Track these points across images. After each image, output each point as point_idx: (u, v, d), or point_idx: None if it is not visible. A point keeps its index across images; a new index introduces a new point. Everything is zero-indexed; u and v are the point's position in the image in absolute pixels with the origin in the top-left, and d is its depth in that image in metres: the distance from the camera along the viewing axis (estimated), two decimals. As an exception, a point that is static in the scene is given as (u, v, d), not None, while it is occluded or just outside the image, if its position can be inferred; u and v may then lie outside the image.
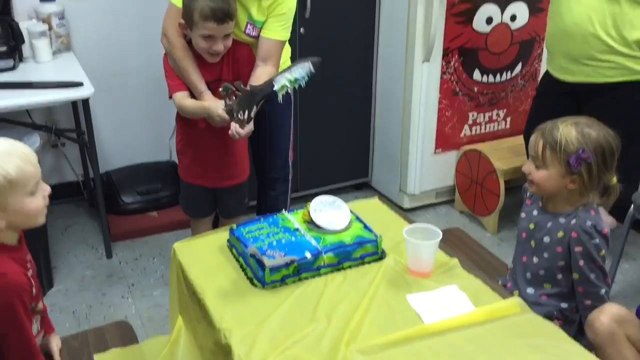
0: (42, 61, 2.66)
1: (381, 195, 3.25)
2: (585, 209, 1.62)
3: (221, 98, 1.83)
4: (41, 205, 1.36)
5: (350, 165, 3.27)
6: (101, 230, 2.76)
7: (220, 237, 1.73)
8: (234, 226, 1.69)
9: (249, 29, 2.12)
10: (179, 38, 2.07)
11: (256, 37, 2.14)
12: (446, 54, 2.88)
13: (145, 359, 1.69)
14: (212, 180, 2.22)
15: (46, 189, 1.38)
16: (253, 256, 1.54)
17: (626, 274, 2.68)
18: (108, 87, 2.99)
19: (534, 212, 1.74)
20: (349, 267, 1.60)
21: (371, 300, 1.47)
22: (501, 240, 2.93)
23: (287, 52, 2.35)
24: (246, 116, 1.71)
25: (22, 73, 2.55)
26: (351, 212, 1.72)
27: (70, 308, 2.43)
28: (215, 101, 2.01)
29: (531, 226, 1.74)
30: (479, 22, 2.88)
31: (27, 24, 2.65)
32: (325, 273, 1.57)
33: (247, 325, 1.39)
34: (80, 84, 2.41)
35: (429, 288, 1.52)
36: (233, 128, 1.91)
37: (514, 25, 2.97)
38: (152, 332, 2.25)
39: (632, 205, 2.32)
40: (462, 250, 1.98)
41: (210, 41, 1.97)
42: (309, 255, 1.55)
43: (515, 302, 1.47)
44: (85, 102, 2.45)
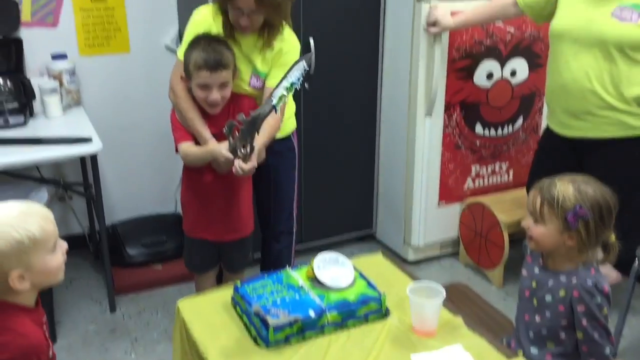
0: (52, 116, 2.72)
1: (385, 247, 3.27)
2: (585, 267, 1.63)
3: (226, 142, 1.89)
4: (61, 261, 1.38)
5: (354, 217, 3.28)
6: (105, 284, 2.76)
7: (224, 294, 1.74)
8: (238, 283, 1.70)
9: (254, 81, 2.18)
10: (185, 90, 2.13)
11: (261, 89, 2.19)
12: (448, 108, 2.93)
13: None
14: (217, 233, 2.23)
15: (63, 245, 1.40)
16: (257, 314, 1.54)
17: (634, 329, 2.65)
18: (115, 141, 3.05)
19: (535, 270, 1.74)
20: (353, 326, 1.59)
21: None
22: (507, 294, 2.91)
23: (292, 108, 2.40)
24: (249, 147, 1.78)
25: (33, 129, 2.61)
26: (355, 269, 1.73)
27: (73, 364, 2.41)
28: (219, 144, 2.04)
29: (533, 284, 1.74)
30: (480, 78, 2.95)
31: (39, 81, 2.72)
32: (329, 332, 1.56)
33: (251, 386, 1.38)
34: (89, 140, 2.46)
35: (434, 348, 1.51)
36: (237, 164, 1.91)
37: (514, 80, 3.03)
38: (155, 389, 2.23)
39: (637, 259, 2.31)
40: (467, 306, 1.97)
41: (206, 90, 2.02)
42: (313, 313, 1.55)
43: (519, 363, 1.46)
44: (93, 157, 2.49)
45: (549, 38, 2.48)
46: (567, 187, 1.60)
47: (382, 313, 1.63)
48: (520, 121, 3.13)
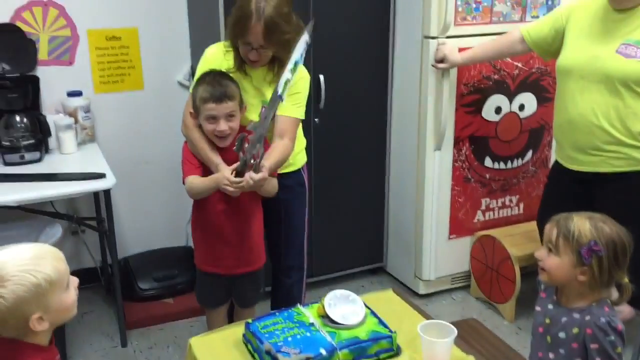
0: (67, 152, 2.77)
1: (396, 280, 3.26)
2: (599, 305, 1.62)
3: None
4: (75, 297, 1.40)
5: (364, 250, 3.29)
6: (117, 318, 2.77)
7: (235, 332, 1.74)
8: (250, 321, 1.70)
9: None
10: (196, 124, 2.17)
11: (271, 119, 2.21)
12: (457, 142, 2.96)
13: None
14: (228, 267, 2.24)
15: (75, 281, 1.42)
16: (268, 353, 1.55)
17: (649, 365, 2.62)
18: (128, 176, 3.09)
19: (549, 306, 1.74)
20: (364, 364, 1.59)
21: (387, 399, 1.46)
22: (519, 328, 2.88)
23: (302, 142, 2.43)
24: (260, 156, 1.83)
25: (48, 164, 2.66)
26: (365, 306, 1.74)
27: (83, 400, 2.41)
28: (223, 169, 2.06)
29: (547, 320, 1.73)
30: (489, 112, 2.97)
31: (55, 118, 2.78)
32: (340, 370, 1.56)
33: None
34: (103, 176, 2.50)
35: (445, 387, 1.51)
36: (247, 175, 1.93)
37: (523, 114, 3.05)
38: None
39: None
40: (479, 343, 1.96)
41: (213, 122, 2.06)
42: (324, 352, 1.55)
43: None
44: (107, 193, 2.53)
45: (556, 74, 2.50)
46: (584, 223, 1.61)
47: (394, 351, 1.63)
48: (529, 154, 3.14)
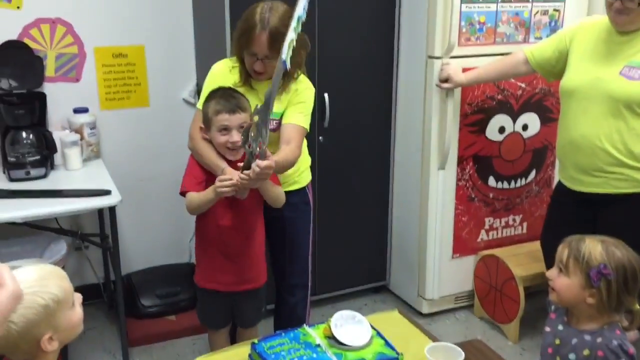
0: (73, 169, 2.78)
1: (399, 299, 3.25)
2: (610, 328, 1.62)
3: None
4: (81, 313, 1.39)
5: (367, 268, 3.28)
6: (119, 335, 2.76)
7: (241, 352, 1.73)
8: (256, 341, 1.70)
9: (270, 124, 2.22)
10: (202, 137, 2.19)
11: (276, 129, 2.21)
12: (461, 162, 2.97)
13: None
14: (228, 284, 2.23)
15: (79, 297, 1.42)
16: (274, 374, 1.54)
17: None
18: (132, 192, 3.09)
19: (559, 327, 1.74)
20: (371, 386, 1.58)
21: (393, 422, 1.45)
22: (523, 349, 2.87)
23: (307, 161, 2.44)
24: (265, 139, 1.86)
25: (53, 181, 2.66)
26: (372, 327, 1.73)
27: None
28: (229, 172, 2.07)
29: (556, 341, 1.73)
30: (492, 132, 2.99)
31: (60, 134, 2.79)
32: (346, 392, 1.56)
33: None
34: (108, 193, 2.50)
35: (452, 409, 1.50)
36: (254, 166, 1.93)
37: (526, 134, 3.07)
38: None
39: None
40: (484, 364, 1.95)
41: (226, 134, 2.07)
42: (331, 373, 1.54)
43: None
44: (111, 209, 2.53)
45: (560, 95, 2.51)
46: (596, 245, 1.62)
47: (400, 373, 1.62)
48: (532, 174, 3.15)
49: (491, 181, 3.06)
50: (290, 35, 1.75)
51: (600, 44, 2.36)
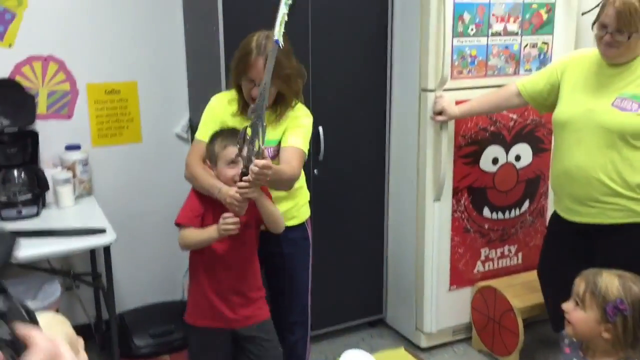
0: (65, 207, 2.73)
1: (396, 333, 3.22)
2: (627, 362, 1.62)
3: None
4: (86, 358, 1.35)
5: (364, 302, 3.25)
6: (113, 377, 2.68)
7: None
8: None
9: (267, 152, 2.20)
10: (200, 163, 2.18)
11: (275, 157, 2.21)
12: (456, 193, 2.97)
13: None
14: (227, 319, 2.15)
15: (82, 341, 1.37)
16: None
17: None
18: (124, 228, 3.01)
19: (575, 361, 1.73)
20: None
21: None
22: (523, 381, 2.85)
23: (306, 196, 2.43)
24: (261, 138, 1.85)
25: (46, 219, 2.61)
26: (380, 366, 1.71)
27: None
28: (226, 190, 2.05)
29: (572, 377, 1.71)
30: (486, 163, 3.01)
31: (52, 172, 2.75)
32: None
33: None
34: (102, 231, 2.46)
35: None
36: (252, 166, 1.90)
37: (519, 164, 3.09)
38: None
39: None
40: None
41: (234, 167, 2.06)
42: (341, 416, 1.51)
43: None
44: (106, 248, 2.48)
45: (553, 127, 2.54)
46: (613, 280, 1.62)
47: (411, 413, 1.59)
48: (526, 204, 3.17)
49: (486, 212, 3.07)
50: (281, 10, 1.76)
51: (591, 77, 2.40)
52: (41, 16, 2.76)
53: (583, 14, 3.08)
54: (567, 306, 1.70)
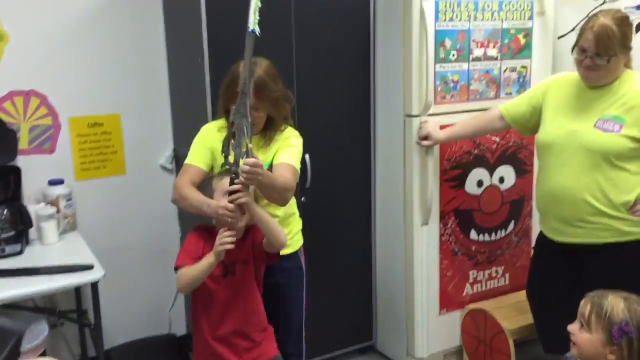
0: (49, 243, 2.67)
1: (387, 359, 3.20)
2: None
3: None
4: None
5: (353, 329, 3.23)
6: (101, 417, 2.61)
7: None
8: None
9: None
10: (189, 184, 2.16)
11: None
12: (443, 217, 2.99)
13: None
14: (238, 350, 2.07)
15: None
16: None
17: None
18: (109, 262, 2.94)
19: (580, 386, 1.73)
20: None
21: None
22: (518, 404, 2.85)
23: (299, 224, 2.44)
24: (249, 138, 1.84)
25: (30, 257, 2.54)
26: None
27: None
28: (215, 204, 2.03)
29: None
30: (471, 185, 3.04)
31: (36, 208, 2.69)
32: None
33: None
34: (90, 267, 2.40)
35: None
36: (242, 166, 1.87)
37: (503, 186, 3.13)
38: None
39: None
40: None
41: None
42: None
43: None
44: (93, 285, 2.42)
45: (536, 149, 2.58)
46: (619, 302, 1.63)
47: None
48: (511, 225, 3.20)
49: (473, 234, 3.09)
50: (252, 5, 1.76)
51: (572, 99, 2.44)
52: (23, 51, 2.72)
53: (559, 38, 3.17)
54: (573, 328, 1.71)
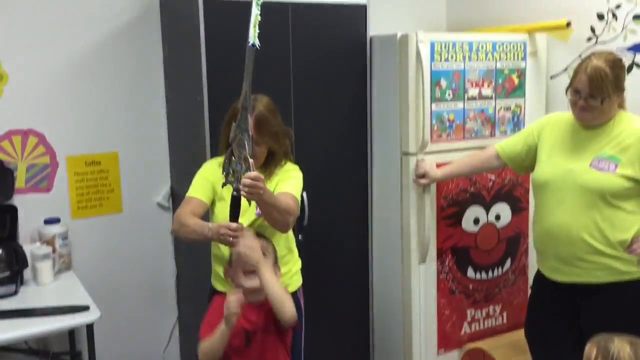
0: (44, 283, 2.64)
1: (386, 399, 3.15)
2: None
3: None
4: None
5: (351, 368, 3.19)
6: None
7: None
8: None
9: (258, 210, 2.19)
10: (189, 213, 2.16)
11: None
12: (440, 255, 2.99)
13: None
14: None
15: None
16: None
17: None
18: (104, 302, 2.91)
19: None
20: None
21: None
22: None
23: (298, 264, 2.43)
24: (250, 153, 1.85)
25: (24, 298, 2.50)
26: None
27: None
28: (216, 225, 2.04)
29: None
30: (467, 223, 3.05)
31: (31, 247, 2.67)
32: None
33: None
34: (86, 308, 2.37)
35: None
36: (243, 181, 1.88)
37: (499, 224, 3.14)
38: None
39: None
40: None
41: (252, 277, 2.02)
42: None
43: None
44: (89, 326, 2.39)
45: (532, 187, 2.59)
46: (625, 346, 1.62)
47: None
48: (508, 263, 3.20)
49: (470, 272, 3.09)
50: (254, 11, 1.76)
51: (567, 138, 2.46)
52: (21, 90, 2.74)
53: (552, 78, 3.23)
54: None
